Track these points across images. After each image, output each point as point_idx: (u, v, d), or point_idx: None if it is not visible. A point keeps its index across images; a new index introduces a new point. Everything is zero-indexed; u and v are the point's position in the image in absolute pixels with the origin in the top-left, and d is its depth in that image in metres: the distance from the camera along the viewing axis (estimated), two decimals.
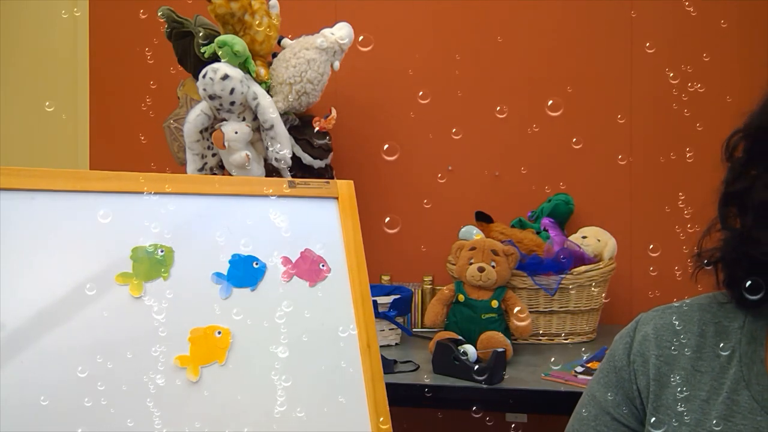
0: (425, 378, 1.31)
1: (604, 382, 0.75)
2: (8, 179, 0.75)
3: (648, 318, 0.74)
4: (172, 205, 0.85)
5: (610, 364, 0.75)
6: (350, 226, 0.96)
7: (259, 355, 0.82)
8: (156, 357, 0.76)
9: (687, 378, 0.68)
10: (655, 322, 0.73)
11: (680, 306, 0.74)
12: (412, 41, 1.91)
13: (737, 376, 0.66)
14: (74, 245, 0.76)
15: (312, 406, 0.83)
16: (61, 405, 0.69)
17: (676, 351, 0.70)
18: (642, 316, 0.76)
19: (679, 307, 0.73)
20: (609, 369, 0.75)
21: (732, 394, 0.65)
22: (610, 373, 0.75)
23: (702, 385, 0.68)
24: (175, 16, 1.59)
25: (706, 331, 0.70)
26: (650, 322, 0.73)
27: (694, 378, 0.68)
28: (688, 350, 0.70)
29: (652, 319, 0.74)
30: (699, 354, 0.69)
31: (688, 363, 0.69)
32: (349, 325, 0.91)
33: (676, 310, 0.73)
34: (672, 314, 0.73)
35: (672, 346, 0.71)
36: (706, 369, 0.68)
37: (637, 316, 0.76)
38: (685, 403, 0.68)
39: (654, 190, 1.79)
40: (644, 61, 1.79)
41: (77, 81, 2.12)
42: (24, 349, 0.69)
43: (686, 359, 0.69)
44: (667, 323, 0.72)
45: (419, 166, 1.91)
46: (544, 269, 1.54)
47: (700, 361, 0.69)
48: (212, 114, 1.57)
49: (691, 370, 0.69)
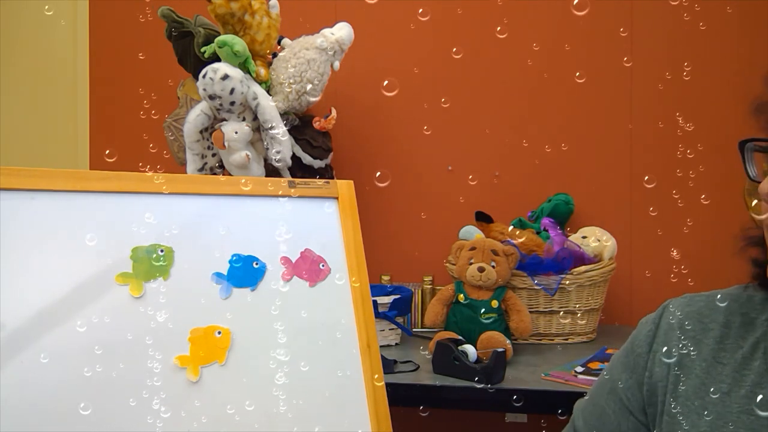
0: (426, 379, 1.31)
1: (623, 361, 0.75)
2: (8, 179, 0.75)
3: (676, 305, 0.73)
4: (172, 205, 0.85)
5: (631, 347, 0.74)
6: (350, 226, 0.96)
7: (259, 355, 0.82)
8: (156, 357, 0.76)
9: (708, 369, 0.67)
10: (682, 310, 0.72)
11: (710, 295, 0.72)
12: (412, 41, 1.91)
13: (761, 369, 0.64)
14: (74, 245, 0.76)
15: (312, 407, 0.83)
16: (61, 405, 0.69)
17: (699, 341, 0.69)
18: (670, 302, 0.74)
19: (708, 296, 0.72)
20: (629, 351, 0.75)
21: (755, 387, 0.64)
22: (630, 356, 0.74)
23: (723, 377, 0.66)
24: (175, 16, 1.59)
25: (732, 322, 0.68)
26: (677, 310, 0.72)
27: (715, 369, 0.67)
28: (712, 341, 0.68)
29: (679, 306, 0.72)
30: (722, 345, 0.68)
31: (710, 354, 0.68)
32: (349, 325, 0.91)
33: (704, 299, 0.72)
34: (700, 302, 0.72)
35: (696, 336, 0.69)
36: (728, 361, 0.66)
37: (665, 301, 0.75)
38: (706, 394, 0.66)
39: (654, 190, 1.78)
40: (644, 61, 1.79)
41: (77, 81, 2.12)
42: (24, 349, 0.69)
43: (708, 350, 0.68)
44: (693, 311, 0.71)
45: (419, 166, 1.91)
46: (544, 269, 1.54)
47: (723, 353, 0.67)
48: (212, 114, 1.57)
49: (712, 361, 0.67)
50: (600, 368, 1.31)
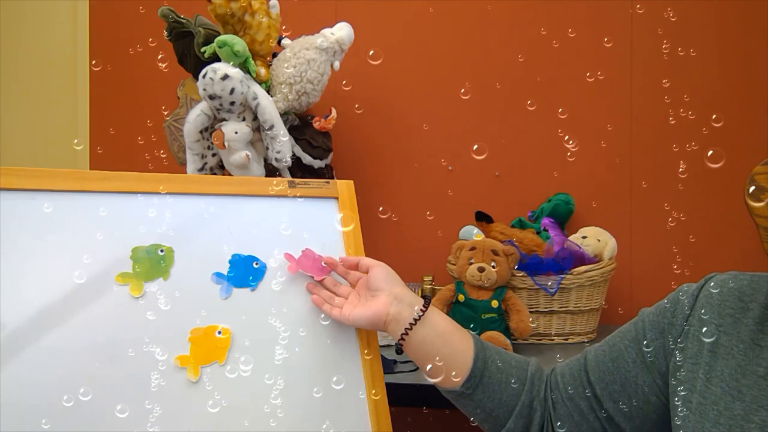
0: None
1: (654, 320, 0.73)
2: (8, 179, 0.75)
3: (718, 281, 0.71)
4: (172, 205, 0.85)
5: (666, 311, 0.73)
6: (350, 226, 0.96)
7: (259, 355, 0.82)
8: (156, 357, 0.76)
9: (746, 351, 0.65)
10: (723, 286, 0.70)
11: (755, 275, 0.70)
12: (412, 41, 1.91)
13: None
14: (74, 245, 0.76)
15: (312, 406, 0.83)
16: (61, 405, 0.69)
17: (738, 320, 0.67)
18: (714, 276, 0.73)
19: (753, 276, 0.70)
20: (663, 313, 0.73)
21: None
22: (662, 318, 0.73)
23: (761, 360, 0.64)
24: (175, 16, 1.59)
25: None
26: (719, 286, 0.70)
27: (753, 352, 0.65)
28: (752, 321, 0.66)
29: (722, 282, 0.71)
30: (761, 327, 0.66)
31: (749, 335, 0.66)
32: (349, 326, 0.91)
33: (749, 278, 0.70)
34: (743, 280, 0.70)
35: (735, 314, 0.67)
36: (767, 343, 0.64)
37: (710, 273, 0.73)
38: (742, 377, 0.64)
39: (654, 189, 1.79)
40: (645, 61, 1.79)
41: (77, 81, 2.12)
42: (24, 349, 0.69)
43: (748, 331, 0.66)
44: (735, 288, 0.69)
45: (419, 166, 1.91)
46: (544, 269, 1.54)
47: (762, 335, 0.65)
48: (212, 114, 1.57)
49: (750, 343, 0.65)
50: None
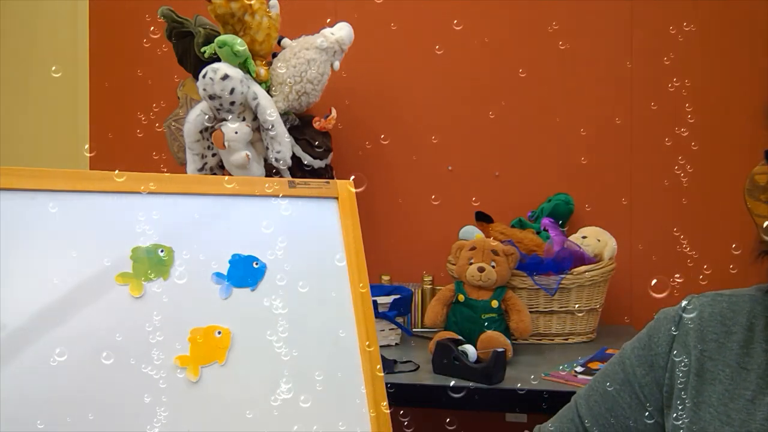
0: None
1: (640, 354, 0.72)
2: (8, 179, 0.75)
3: (697, 304, 0.70)
4: (173, 205, 0.85)
5: (649, 343, 0.71)
6: (350, 226, 0.96)
7: (259, 355, 0.82)
8: (156, 357, 0.76)
9: (732, 375, 0.64)
10: (702, 310, 0.69)
11: (732, 294, 0.69)
12: (412, 41, 1.91)
13: None
14: (74, 245, 0.76)
15: (312, 406, 0.83)
16: (60, 405, 0.69)
17: (722, 345, 0.66)
18: (691, 300, 0.71)
19: (730, 296, 0.69)
20: (647, 346, 0.71)
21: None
22: (647, 352, 0.71)
23: (748, 383, 0.63)
24: (175, 16, 1.59)
25: (756, 325, 0.66)
26: (699, 310, 0.69)
27: (739, 375, 0.64)
28: (736, 345, 0.65)
29: (701, 306, 0.69)
30: (747, 350, 0.65)
31: (735, 359, 0.65)
32: (349, 325, 0.91)
33: (727, 299, 0.69)
34: (722, 302, 0.68)
35: (719, 339, 0.66)
36: (753, 366, 0.64)
37: (686, 297, 0.72)
38: (729, 401, 0.63)
39: (654, 189, 1.78)
40: (644, 60, 1.79)
41: (77, 81, 2.12)
42: (24, 349, 0.69)
43: (733, 354, 0.65)
44: (716, 312, 0.68)
45: (419, 166, 1.91)
46: (544, 269, 1.54)
47: (747, 357, 0.64)
48: (212, 114, 1.57)
49: (737, 367, 0.64)
50: (600, 368, 1.30)
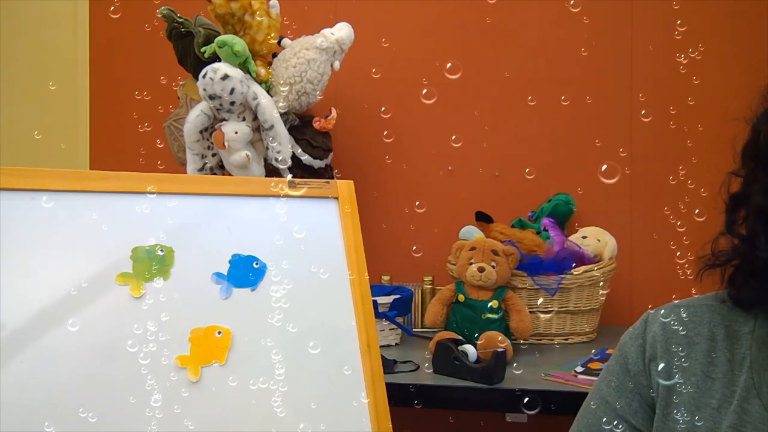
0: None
1: (617, 386, 0.71)
2: (8, 179, 0.75)
3: (657, 317, 0.71)
4: (172, 205, 0.85)
5: (624, 368, 0.71)
6: (350, 226, 0.96)
7: (259, 355, 0.82)
8: (156, 357, 0.76)
9: (698, 384, 0.65)
10: (664, 322, 0.69)
11: (688, 306, 0.70)
12: (412, 41, 1.91)
13: (748, 383, 0.63)
14: (74, 245, 0.76)
15: (312, 407, 0.83)
16: (61, 405, 0.69)
17: (687, 355, 0.67)
18: (650, 316, 0.72)
19: (688, 307, 0.70)
20: (622, 373, 0.71)
21: (742, 402, 0.63)
22: (625, 378, 0.71)
23: (713, 392, 0.65)
24: (175, 16, 1.59)
25: (717, 335, 0.67)
26: (660, 324, 0.70)
27: (705, 384, 0.65)
28: (700, 355, 0.66)
29: (661, 320, 0.70)
30: (710, 359, 0.66)
31: (700, 368, 0.66)
32: (349, 325, 0.91)
33: (685, 310, 0.69)
34: (682, 314, 0.69)
35: (684, 350, 0.67)
36: (717, 375, 0.65)
37: (644, 314, 0.72)
38: (696, 410, 0.64)
39: (654, 190, 1.78)
40: (645, 60, 1.79)
41: (77, 81, 2.12)
42: (24, 349, 0.69)
43: (698, 364, 0.66)
44: (677, 324, 0.69)
45: (419, 166, 1.91)
46: (544, 269, 1.54)
47: (712, 367, 0.66)
48: (212, 114, 1.57)
49: (702, 376, 0.66)
50: (600, 368, 1.31)
